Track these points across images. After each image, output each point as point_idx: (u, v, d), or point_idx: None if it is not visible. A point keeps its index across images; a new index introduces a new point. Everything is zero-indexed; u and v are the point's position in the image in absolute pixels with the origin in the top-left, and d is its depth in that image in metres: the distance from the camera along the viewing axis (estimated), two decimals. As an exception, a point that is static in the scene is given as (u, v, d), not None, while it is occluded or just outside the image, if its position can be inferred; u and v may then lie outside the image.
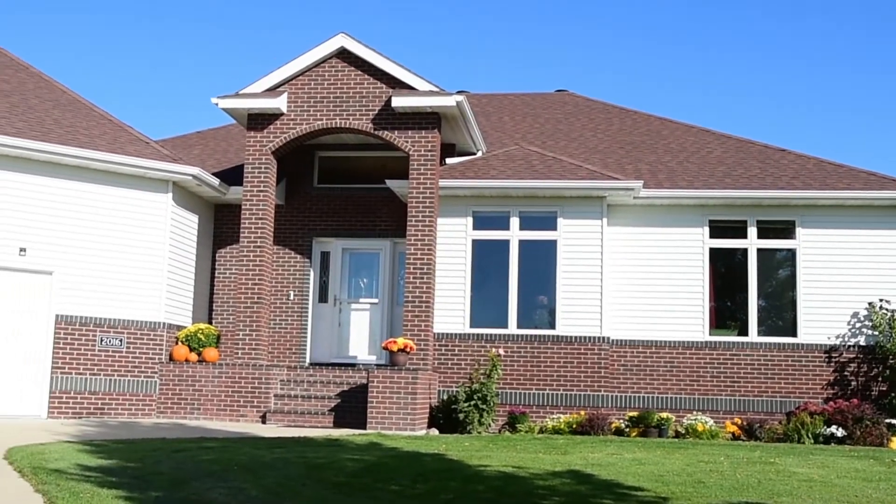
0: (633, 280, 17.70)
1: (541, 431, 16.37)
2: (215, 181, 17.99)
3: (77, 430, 13.40)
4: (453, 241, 17.59)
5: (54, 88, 18.97)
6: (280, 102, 17.42)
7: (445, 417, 16.27)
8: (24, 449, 10.46)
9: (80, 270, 16.30)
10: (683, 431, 16.21)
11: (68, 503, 7.38)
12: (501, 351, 16.65)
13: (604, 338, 17.00)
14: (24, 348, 15.85)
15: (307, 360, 18.73)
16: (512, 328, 17.30)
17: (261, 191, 17.60)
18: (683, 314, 17.49)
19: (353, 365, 18.05)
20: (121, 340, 16.58)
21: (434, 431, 15.94)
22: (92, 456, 10.15)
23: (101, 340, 16.42)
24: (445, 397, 16.70)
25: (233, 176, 18.91)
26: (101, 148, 16.59)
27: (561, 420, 16.35)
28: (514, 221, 17.53)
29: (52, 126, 16.84)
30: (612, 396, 17.14)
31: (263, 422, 16.32)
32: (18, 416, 15.49)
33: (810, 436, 15.57)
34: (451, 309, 17.43)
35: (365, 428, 15.55)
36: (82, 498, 7.57)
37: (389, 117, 17.26)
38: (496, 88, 35.97)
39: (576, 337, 17.05)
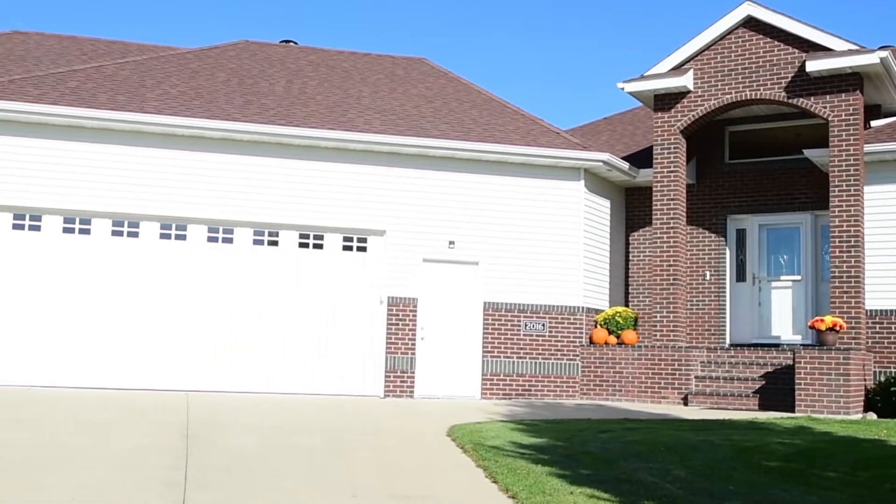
0: None
1: None
2: (625, 165, 18.13)
3: (507, 410, 14.18)
4: (884, 210, 16.20)
5: (470, 90, 20.27)
6: (686, 80, 17.15)
7: (884, 400, 15.06)
8: (463, 427, 11.25)
9: (501, 259, 17.22)
10: None
11: (507, 478, 7.82)
12: (947, 328, 15.08)
13: None
14: (460, 334, 17.09)
15: (727, 341, 18.28)
16: (959, 302, 15.61)
17: (671, 171, 17.45)
18: None
19: (775, 345, 17.30)
20: (543, 325, 17.28)
21: (871, 415, 14.81)
22: (523, 434, 10.68)
23: (525, 325, 17.23)
24: (882, 379, 15.47)
25: (641, 159, 18.95)
26: (516, 142, 17.39)
27: None
28: (956, 184, 15.79)
29: (471, 126, 17.97)
30: None
31: (685, 404, 16.18)
32: (456, 397, 16.75)
33: None
34: (886, 283, 16.07)
35: (792, 411, 14.85)
36: (519, 474, 7.98)
37: (803, 83, 16.31)
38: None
39: None
